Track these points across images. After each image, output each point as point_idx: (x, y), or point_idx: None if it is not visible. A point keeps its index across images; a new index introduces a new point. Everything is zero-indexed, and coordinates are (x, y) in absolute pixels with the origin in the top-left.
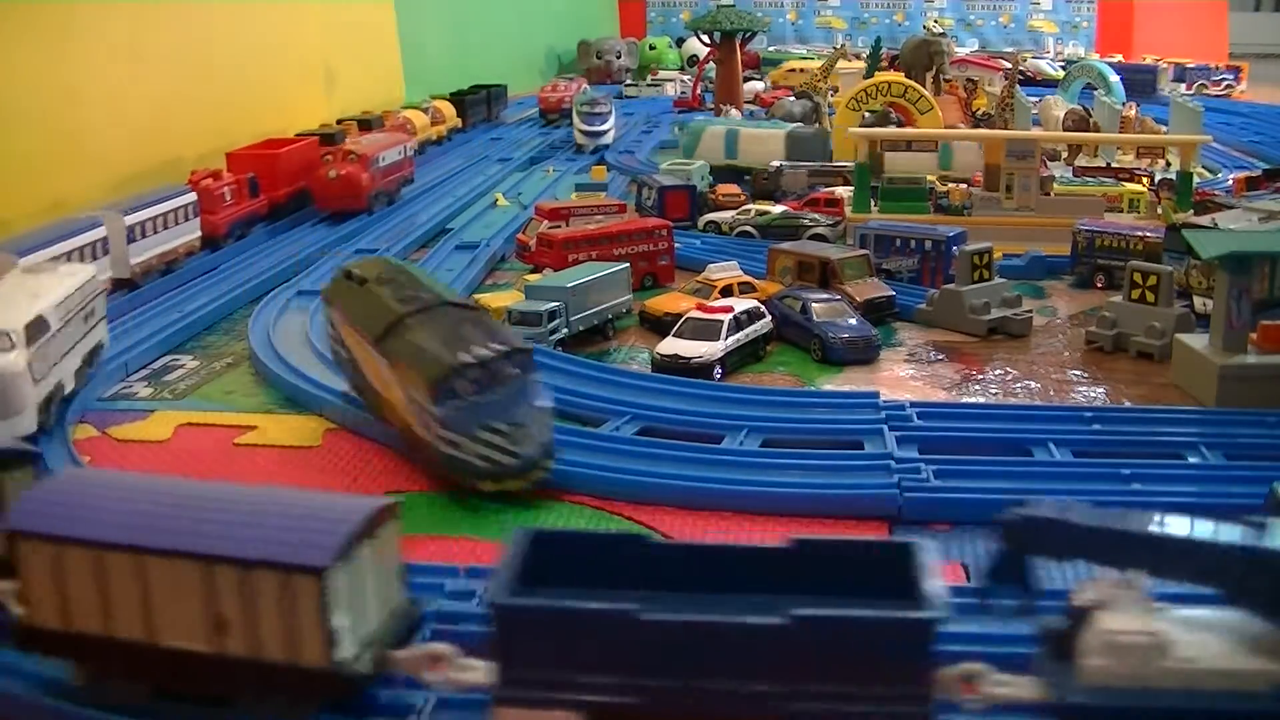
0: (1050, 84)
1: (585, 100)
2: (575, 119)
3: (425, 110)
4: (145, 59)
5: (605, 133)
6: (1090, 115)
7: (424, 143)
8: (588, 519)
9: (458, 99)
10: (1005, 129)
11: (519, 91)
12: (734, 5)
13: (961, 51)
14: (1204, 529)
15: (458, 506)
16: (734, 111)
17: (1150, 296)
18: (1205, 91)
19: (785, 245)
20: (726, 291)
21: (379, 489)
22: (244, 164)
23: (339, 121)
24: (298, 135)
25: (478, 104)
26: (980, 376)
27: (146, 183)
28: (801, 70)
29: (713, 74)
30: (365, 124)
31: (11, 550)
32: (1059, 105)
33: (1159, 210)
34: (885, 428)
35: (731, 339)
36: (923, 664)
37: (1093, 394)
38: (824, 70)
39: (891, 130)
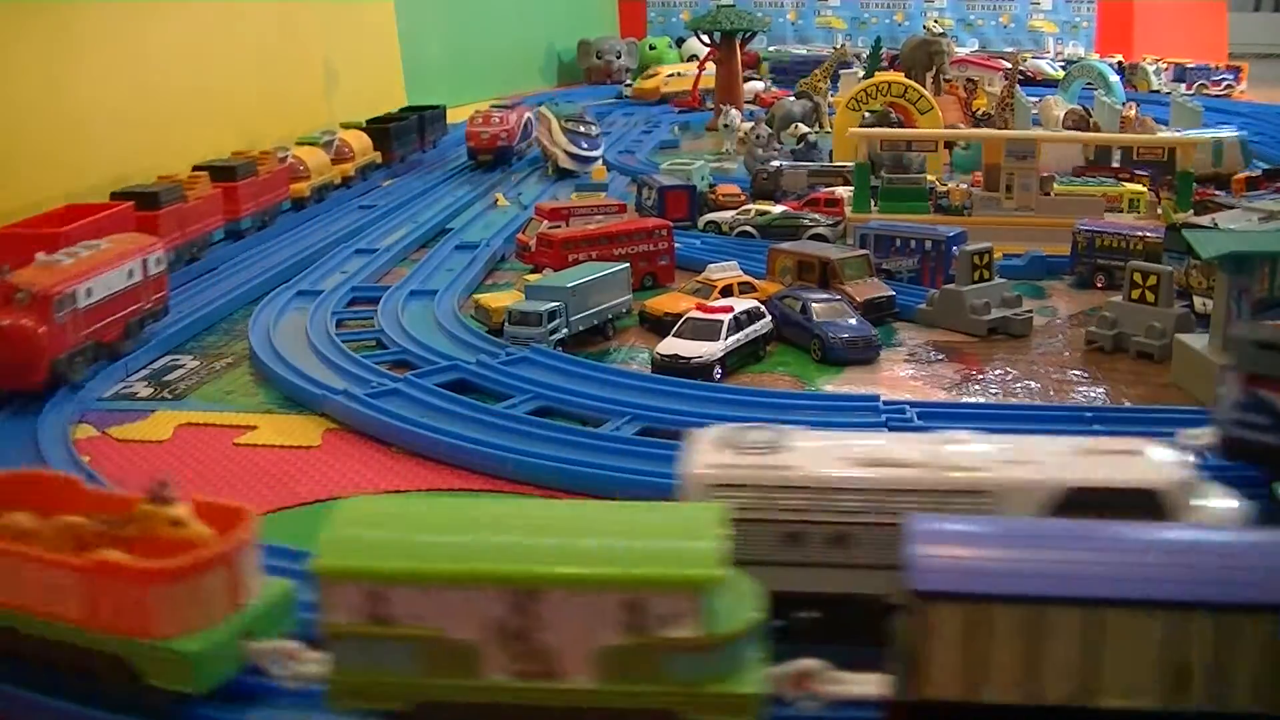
0: (1050, 84)
1: (571, 115)
2: (557, 136)
3: (326, 145)
4: (142, 61)
5: (595, 158)
6: (1090, 115)
7: (322, 187)
8: None
9: (378, 127)
10: (1005, 129)
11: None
12: (734, 5)
13: (961, 51)
14: None
15: None
16: (734, 111)
17: (1150, 296)
18: (1205, 91)
19: (785, 245)
20: (726, 291)
21: (379, 488)
22: (8, 247)
23: (195, 169)
24: (115, 196)
25: (406, 132)
26: (980, 376)
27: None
28: (680, 75)
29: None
30: (227, 171)
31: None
32: (1059, 105)
33: (1159, 210)
34: (886, 429)
35: (731, 339)
36: None
37: (1093, 394)
38: (825, 70)
39: (892, 130)
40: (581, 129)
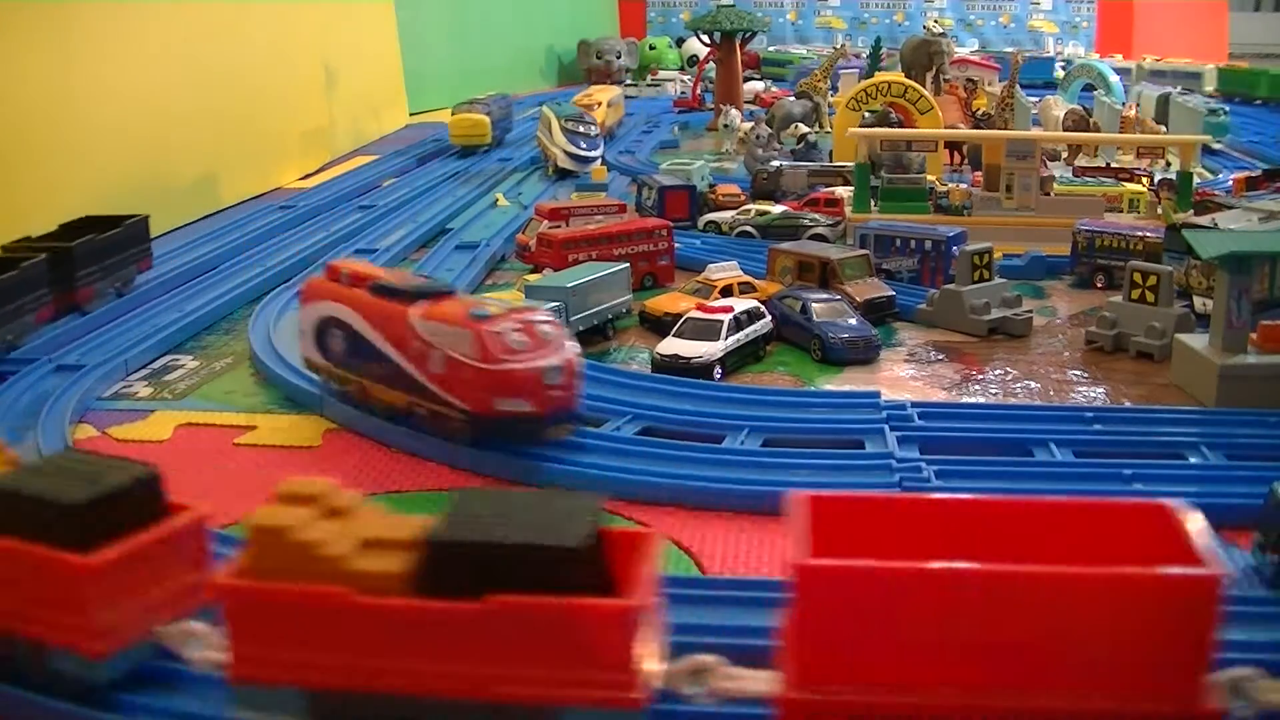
0: (1050, 84)
1: (571, 115)
2: (556, 136)
3: None
4: (142, 62)
5: (594, 158)
6: (1090, 115)
7: None
8: None
9: None
10: (1005, 129)
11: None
12: (734, 5)
13: (961, 51)
14: None
15: None
16: (734, 111)
17: (1150, 296)
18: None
19: (785, 245)
20: (726, 291)
21: (379, 489)
22: None
23: None
24: None
25: (15, 293)
26: (980, 376)
27: (140, 196)
28: (601, 104)
29: (712, 74)
30: None
31: None
32: (1059, 105)
33: (1159, 210)
34: (886, 428)
35: (731, 339)
36: None
37: (1093, 394)
38: (824, 70)
39: (892, 130)
40: (581, 129)
